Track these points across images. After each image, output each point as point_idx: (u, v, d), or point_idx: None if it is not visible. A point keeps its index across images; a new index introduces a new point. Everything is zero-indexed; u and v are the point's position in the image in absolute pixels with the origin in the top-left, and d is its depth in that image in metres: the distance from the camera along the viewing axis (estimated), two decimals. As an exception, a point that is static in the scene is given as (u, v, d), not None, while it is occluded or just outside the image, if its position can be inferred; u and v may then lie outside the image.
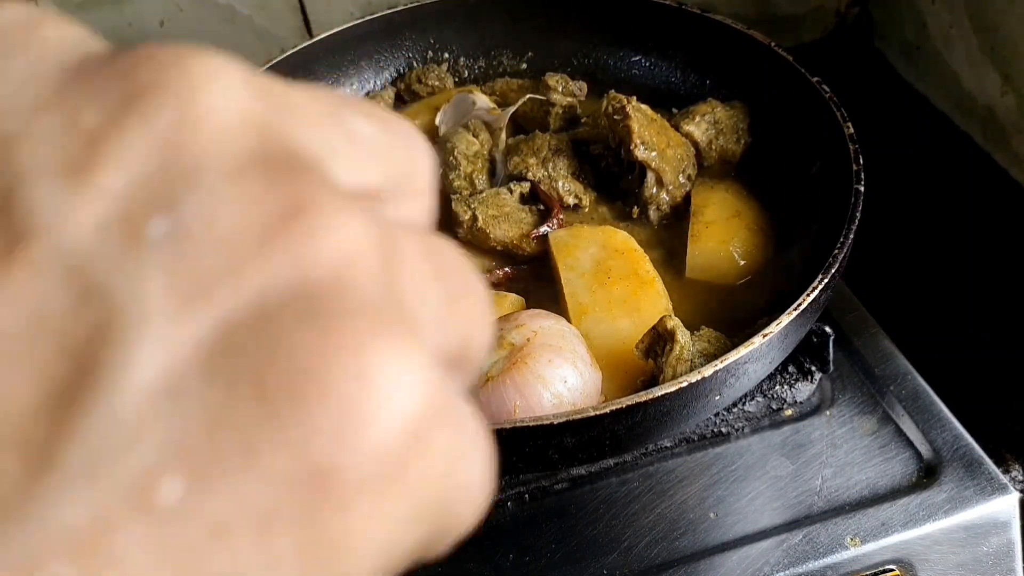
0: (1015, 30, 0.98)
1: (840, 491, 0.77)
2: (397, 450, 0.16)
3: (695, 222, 0.87)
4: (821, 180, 0.86)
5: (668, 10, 1.01)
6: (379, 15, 1.06)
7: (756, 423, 0.82)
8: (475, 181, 0.93)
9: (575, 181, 0.91)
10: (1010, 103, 1.01)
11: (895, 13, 1.20)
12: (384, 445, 0.16)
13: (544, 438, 0.62)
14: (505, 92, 1.05)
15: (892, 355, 0.87)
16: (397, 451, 0.16)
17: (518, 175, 0.91)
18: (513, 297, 0.81)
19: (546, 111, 0.98)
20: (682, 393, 0.63)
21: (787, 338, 0.70)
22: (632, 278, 0.79)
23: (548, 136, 0.93)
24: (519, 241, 0.85)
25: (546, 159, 0.91)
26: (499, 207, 0.86)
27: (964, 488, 0.76)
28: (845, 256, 0.72)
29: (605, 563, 0.73)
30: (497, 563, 0.74)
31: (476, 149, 0.93)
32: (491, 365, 0.68)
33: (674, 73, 1.05)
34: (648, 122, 0.87)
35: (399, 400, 0.16)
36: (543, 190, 0.89)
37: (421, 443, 0.16)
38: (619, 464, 0.80)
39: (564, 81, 0.98)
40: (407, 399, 0.16)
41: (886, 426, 0.81)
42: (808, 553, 0.73)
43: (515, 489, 0.79)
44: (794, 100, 0.90)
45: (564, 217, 0.88)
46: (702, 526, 0.75)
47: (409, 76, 1.09)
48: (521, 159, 0.91)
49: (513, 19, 1.09)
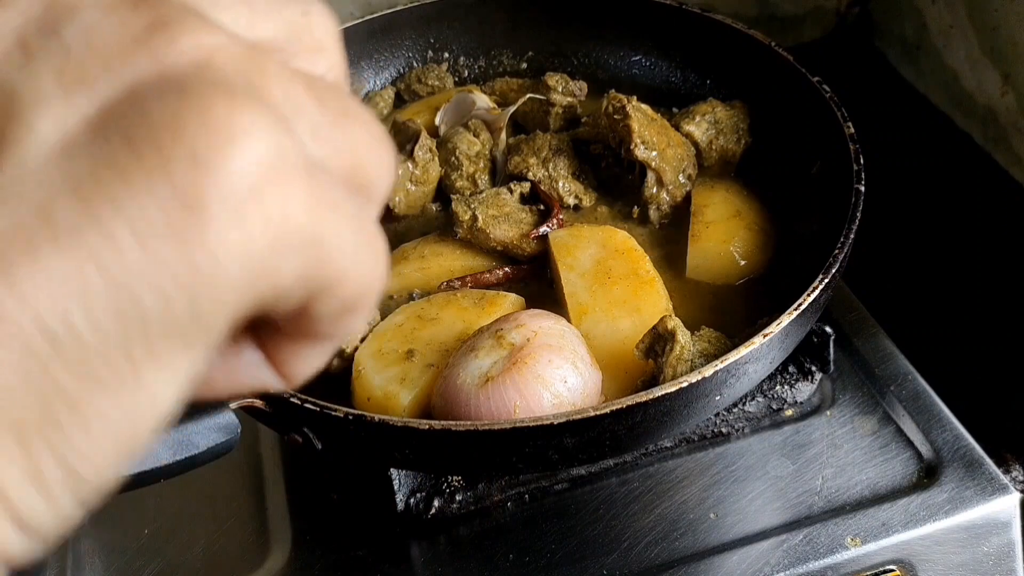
0: (1015, 30, 0.98)
1: (840, 491, 0.77)
2: (248, 182, 0.20)
3: (695, 222, 0.86)
4: (821, 180, 0.86)
5: (668, 10, 1.01)
6: (379, 15, 1.06)
7: (756, 423, 0.82)
8: (477, 181, 0.93)
9: (575, 181, 0.91)
10: (1010, 103, 1.01)
11: (895, 13, 1.20)
12: (236, 175, 0.20)
13: (544, 438, 0.62)
14: (505, 92, 1.05)
15: (892, 355, 0.87)
16: (248, 183, 0.20)
17: (518, 175, 0.91)
18: (513, 297, 0.81)
19: (546, 111, 0.98)
20: (682, 393, 0.63)
21: (787, 338, 0.69)
22: (632, 278, 0.79)
23: (549, 136, 0.93)
24: (519, 241, 0.85)
25: (546, 159, 0.91)
26: (499, 207, 0.86)
27: (964, 488, 0.76)
28: (845, 256, 0.72)
29: (605, 563, 0.73)
30: (497, 563, 0.74)
31: (478, 149, 0.93)
32: (491, 365, 0.68)
33: (674, 73, 1.05)
34: (648, 122, 0.87)
35: (246, 144, 0.20)
36: (543, 190, 0.89)
37: (274, 185, 0.21)
38: (619, 464, 0.80)
39: (564, 81, 0.98)
40: (255, 145, 0.20)
41: (886, 426, 0.81)
42: (808, 553, 0.73)
43: (515, 489, 0.79)
44: (794, 100, 0.90)
45: (564, 217, 0.88)
46: (702, 526, 0.75)
47: (409, 76, 1.08)
48: (522, 159, 0.91)
49: (513, 19, 1.09)
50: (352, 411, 0.64)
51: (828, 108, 0.85)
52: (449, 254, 0.87)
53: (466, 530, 0.77)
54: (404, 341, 0.76)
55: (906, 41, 1.19)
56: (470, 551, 0.75)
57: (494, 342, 0.69)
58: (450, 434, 0.63)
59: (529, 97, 0.98)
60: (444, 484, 0.78)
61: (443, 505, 0.78)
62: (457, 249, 0.87)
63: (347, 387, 0.75)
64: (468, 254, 0.87)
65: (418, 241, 0.88)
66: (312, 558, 0.77)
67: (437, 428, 0.62)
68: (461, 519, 0.78)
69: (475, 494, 0.78)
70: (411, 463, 0.73)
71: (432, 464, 0.74)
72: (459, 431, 0.63)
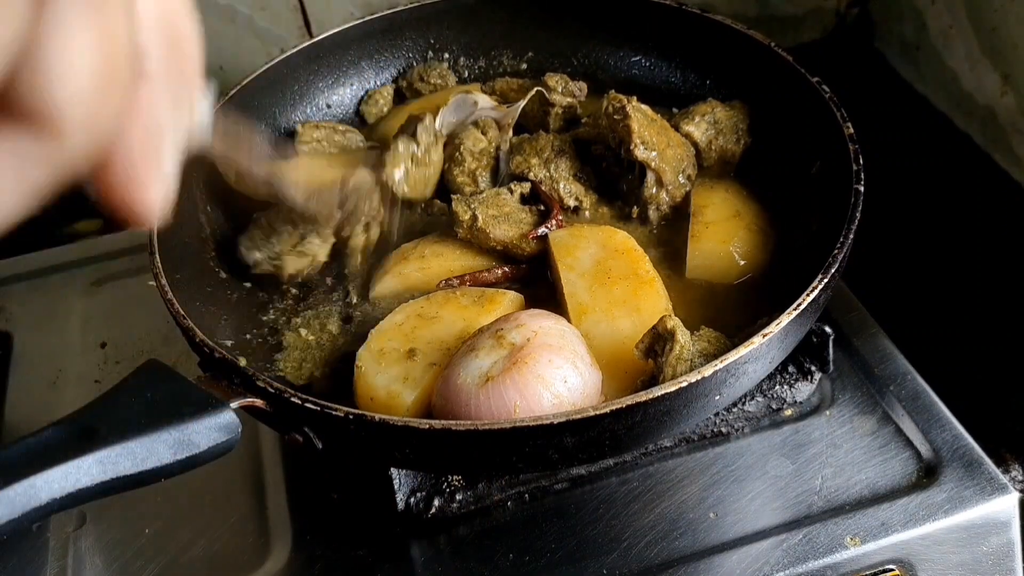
0: (1015, 30, 0.98)
1: (840, 491, 0.77)
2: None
3: (695, 222, 0.87)
4: (821, 180, 0.86)
5: (668, 10, 1.01)
6: (379, 15, 1.06)
7: (756, 423, 0.82)
8: (478, 178, 0.93)
9: (576, 183, 0.91)
10: (1010, 103, 1.01)
11: (895, 13, 1.20)
12: None
13: (544, 438, 0.62)
14: (505, 92, 1.05)
15: (892, 355, 0.87)
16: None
17: (520, 175, 0.91)
18: (512, 294, 0.81)
19: (546, 111, 0.98)
20: (682, 393, 0.63)
21: (787, 338, 0.70)
22: (632, 278, 0.79)
23: (552, 136, 0.93)
24: (519, 241, 0.85)
25: (548, 160, 0.91)
26: (499, 207, 0.86)
27: (964, 488, 0.76)
28: (845, 256, 0.72)
29: (605, 563, 0.73)
30: (497, 563, 0.74)
31: (483, 146, 0.93)
32: (491, 365, 0.68)
33: (674, 73, 1.05)
34: (648, 122, 0.87)
35: None
36: (543, 191, 0.89)
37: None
38: (619, 464, 0.80)
39: (564, 81, 0.98)
40: None
41: (886, 426, 0.81)
42: (808, 553, 0.73)
43: (515, 489, 0.79)
44: (794, 100, 0.90)
45: (563, 218, 0.88)
46: (702, 526, 0.75)
47: (412, 74, 1.09)
48: (523, 159, 0.91)
49: (513, 19, 1.09)
50: (353, 410, 0.64)
51: (828, 108, 0.85)
52: (449, 254, 0.87)
53: (466, 530, 0.77)
54: (405, 340, 0.76)
55: (906, 41, 1.19)
56: (470, 551, 0.76)
57: (494, 342, 0.69)
58: (450, 434, 0.63)
59: (537, 90, 0.98)
60: (444, 484, 0.79)
61: (443, 505, 0.78)
62: (457, 249, 0.87)
63: (348, 387, 0.76)
64: (468, 254, 0.87)
65: (418, 241, 0.89)
66: (312, 558, 0.77)
67: (437, 428, 0.62)
68: (461, 519, 0.78)
69: (475, 494, 0.79)
70: (411, 463, 0.73)
71: (432, 464, 0.74)
72: (459, 431, 0.63)
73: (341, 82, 1.07)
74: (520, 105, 0.97)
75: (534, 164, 0.91)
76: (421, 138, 0.90)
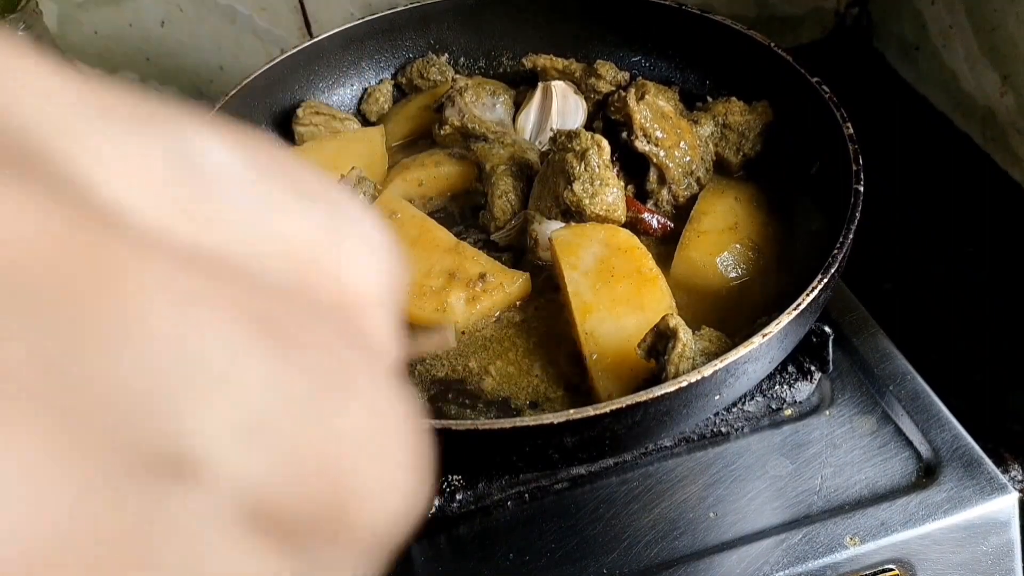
0: (1014, 30, 0.98)
1: (839, 491, 0.77)
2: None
3: (689, 228, 0.86)
4: (820, 180, 0.86)
5: (668, 10, 1.01)
6: (379, 15, 1.06)
7: (756, 423, 0.82)
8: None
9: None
10: (1009, 103, 1.01)
11: (894, 13, 1.20)
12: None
13: (544, 437, 0.62)
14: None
15: (892, 355, 0.87)
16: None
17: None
18: (522, 276, 0.83)
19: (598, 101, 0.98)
20: (682, 393, 0.63)
21: (787, 338, 0.70)
22: (635, 276, 0.79)
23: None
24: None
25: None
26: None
27: (963, 488, 0.76)
28: (845, 256, 0.72)
29: (605, 563, 0.73)
30: (497, 563, 0.74)
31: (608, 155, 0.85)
32: None
33: (674, 73, 1.05)
34: (657, 116, 0.87)
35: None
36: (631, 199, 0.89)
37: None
38: (619, 464, 0.80)
39: (614, 70, 0.98)
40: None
41: (885, 426, 0.81)
42: (807, 553, 0.73)
43: (515, 488, 0.79)
44: (794, 100, 0.90)
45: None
46: (702, 526, 0.75)
47: (411, 70, 1.09)
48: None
49: (513, 19, 1.09)
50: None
51: (827, 108, 0.85)
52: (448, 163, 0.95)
53: (466, 529, 0.77)
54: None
55: (905, 42, 1.19)
56: (470, 550, 0.76)
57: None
58: (450, 433, 0.63)
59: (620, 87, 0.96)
60: (444, 483, 0.79)
61: (443, 504, 0.78)
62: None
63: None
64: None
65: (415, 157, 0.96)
66: (312, 557, 0.77)
67: (437, 427, 0.62)
68: (461, 518, 0.78)
69: (475, 493, 0.79)
70: (411, 462, 0.73)
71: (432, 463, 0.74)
72: (459, 430, 0.63)
73: (341, 82, 1.08)
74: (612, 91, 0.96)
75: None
76: (447, 114, 0.96)
